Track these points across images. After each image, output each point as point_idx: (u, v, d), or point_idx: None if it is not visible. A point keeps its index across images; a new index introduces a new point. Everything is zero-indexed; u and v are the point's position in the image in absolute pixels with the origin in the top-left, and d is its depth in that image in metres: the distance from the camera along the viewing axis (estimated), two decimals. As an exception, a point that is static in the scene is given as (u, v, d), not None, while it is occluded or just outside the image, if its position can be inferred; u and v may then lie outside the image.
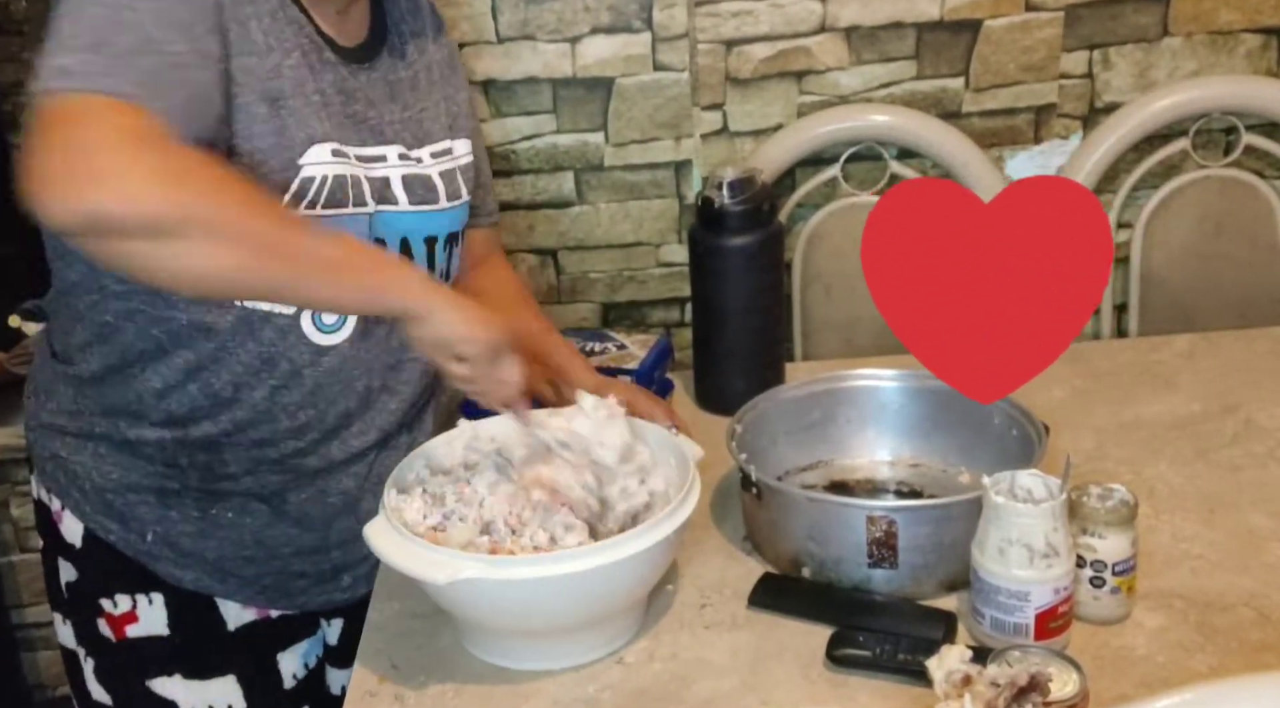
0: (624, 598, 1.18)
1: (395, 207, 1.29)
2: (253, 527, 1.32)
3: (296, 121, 1.19)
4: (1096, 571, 1.17)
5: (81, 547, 1.33)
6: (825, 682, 1.14)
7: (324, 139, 1.21)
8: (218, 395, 1.25)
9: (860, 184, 2.10)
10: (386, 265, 1.18)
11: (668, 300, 2.17)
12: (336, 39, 1.27)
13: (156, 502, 1.30)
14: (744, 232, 1.58)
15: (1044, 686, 0.96)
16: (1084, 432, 1.52)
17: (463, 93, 1.43)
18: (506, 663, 1.19)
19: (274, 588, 1.36)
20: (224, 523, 1.31)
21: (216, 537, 1.31)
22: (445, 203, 1.35)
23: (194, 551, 1.32)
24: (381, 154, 1.29)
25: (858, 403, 1.47)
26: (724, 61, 2.04)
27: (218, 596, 1.34)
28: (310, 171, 1.20)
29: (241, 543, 1.32)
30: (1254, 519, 1.34)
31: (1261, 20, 2.03)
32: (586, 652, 1.19)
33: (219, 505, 1.30)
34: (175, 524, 1.31)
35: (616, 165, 2.09)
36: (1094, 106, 2.08)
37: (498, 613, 1.15)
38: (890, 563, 1.23)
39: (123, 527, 1.31)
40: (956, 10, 2.01)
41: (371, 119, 1.28)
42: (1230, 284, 2.10)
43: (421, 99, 1.35)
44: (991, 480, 1.16)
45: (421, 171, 1.33)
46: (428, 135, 1.35)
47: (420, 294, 1.13)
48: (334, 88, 1.24)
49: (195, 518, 1.30)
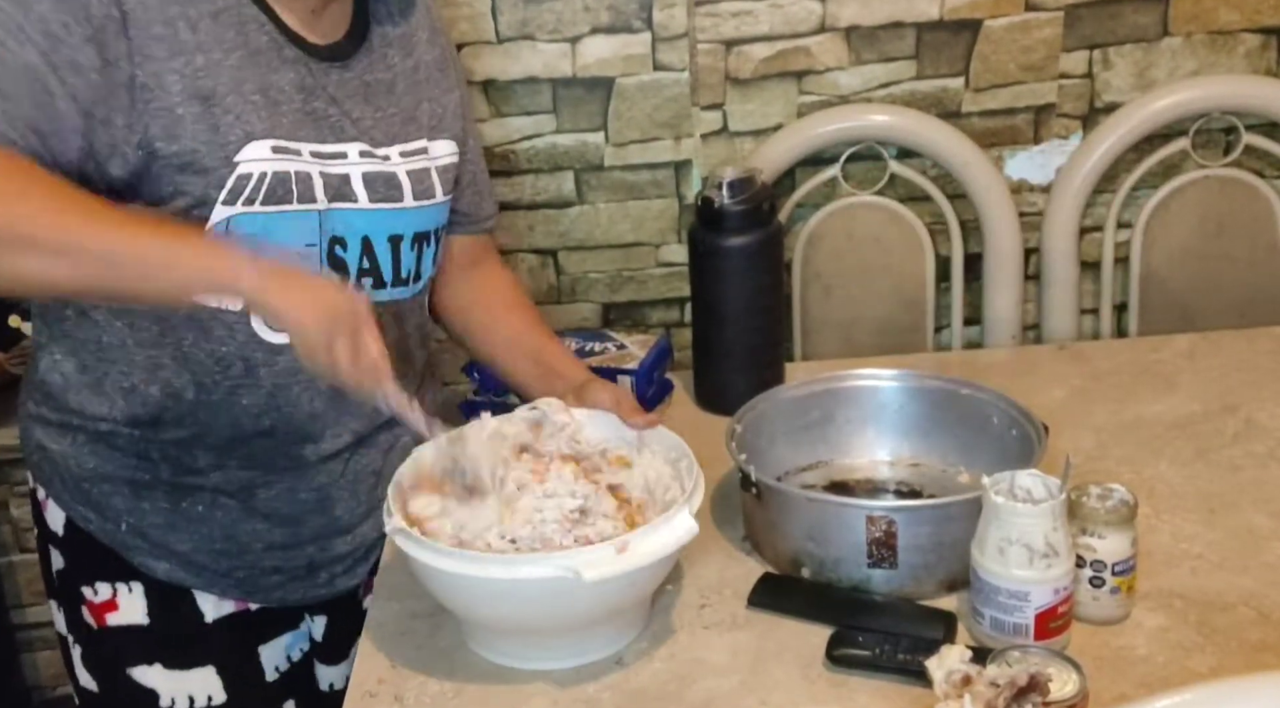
0: (634, 598, 1.19)
1: (354, 204, 1.27)
2: (223, 522, 1.32)
3: (232, 119, 1.18)
4: (1096, 571, 1.16)
5: (64, 534, 1.35)
6: (825, 682, 1.14)
7: (264, 136, 1.20)
8: (179, 396, 1.25)
9: (860, 184, 2.10)
10: (217, 253, 1.13)
11: (668, 300, 2.17)
12: (306, 37, 1.25)
13: (129, 493, 1.31)
14: (744, 232, 1.58)
15: (1044, 686, 0.96)
16: (1084, 432, 1.52)
17: (454, 94, 1.41)
18: (512, 663, 1.19)
19: (248, 582, 1.36)
20: (194, 517, 1.32)
21: (187, 530, 1.32)
22: (411, 201, 1.32)
23: (165, 542, 1.32)
24: (341, 151, 1.27)
25: (857, 403, 1.47)
26: (724, 61, 2.04)
27: (193, 588, 1.35)
28: (247, 168, 1.19)
29: (212, 537, 1.33)
30: (1254, 519, 1.34)
31: (1261, 20, 2.03)
32: (599, 649, 1.19)
33: (189, 499, 1.31)
34: (147, 515, 1.32)
35: (616, 165, 2.08)
36: (1094, 106, 2.08)
37: (510, 613, 1.15)
38: (890, 563, 1.23)
39: (99, 516, 1.32)
40: (956, 10, 2.01)
41: (333, 116, 1.27)
42: (1230, 284, 2.10)
43: (400, 99, 1.34)
44: (991, 480, 1.16)
45: (386, 169, 1.30)
46: (401, 134, 1.33)
47: (251, 276, 1.09)
48: (292, 85, 1.23)
49: (166, 510, 1.31)
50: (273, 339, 1.25)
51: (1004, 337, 2.10)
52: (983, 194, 2.05)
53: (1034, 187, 2.12)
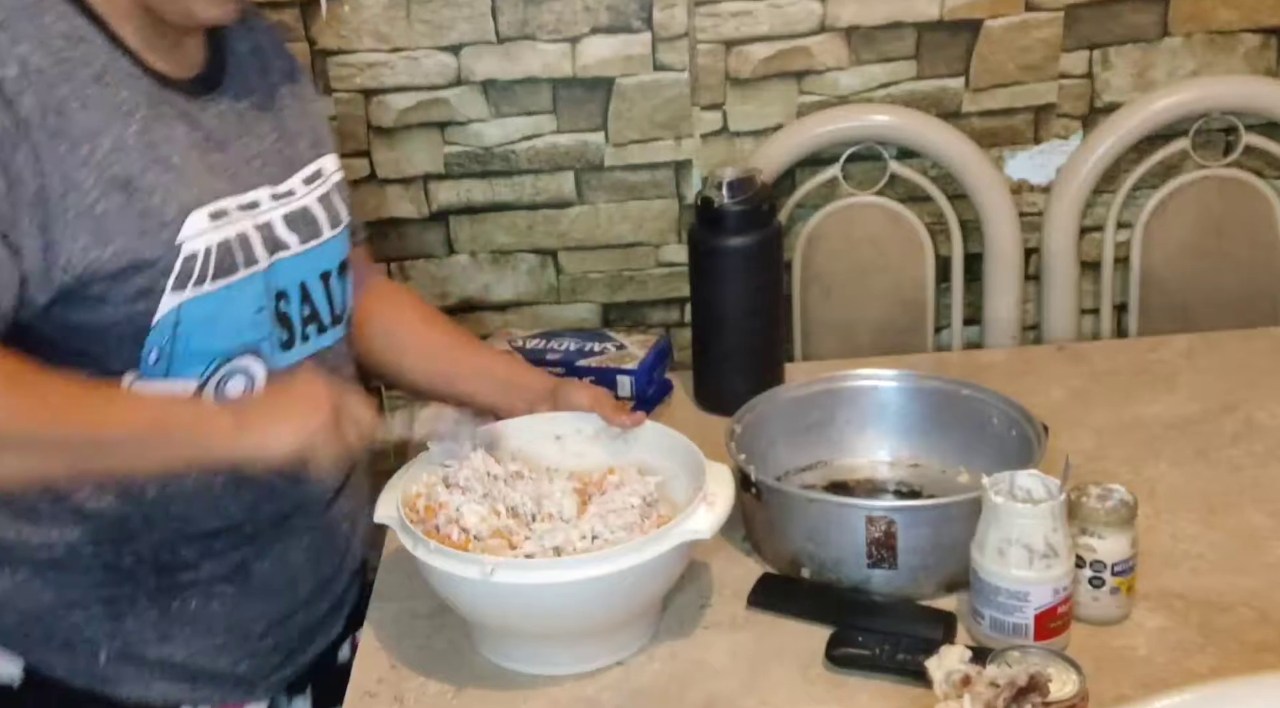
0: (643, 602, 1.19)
1: (287, 251, 1.19)
2: (221, 612, 1.21)
3: (161, 196, 1.07)
4: (1096, 571, 1.16)
5: (19, 688, 1.19)
6: (825, 682, 1.14)
7: (198, 204, 1.10)
8: (139, 498, 1.15)
9: (860, 184, 2.10)
10: (193, 423, 1.08)
11: (667, 300, 2.17)
12: (172, 74, 1.14)
13: (106, 615, 1.17)
14: (743, 232, 1.58)
15: (1043, 686, 0.96)
16: (1084, 432, 1.52)
17: (316, 104, 1.33)
18: (520, 667, 1.18)
19: (248, 676, 1.25)
20: (187, 618, 1.20)
21: (181, 636, 1.20)
22: (329, 232, 1.24)
23: (159, 659, 1.20)
24: (253, 200, 1.17)
25: (857, 403, 1.47)
26: (724, 61, 2.04)
27: (185, 704, 1.22)
28: (191, 247, 1.09)
29: (211, 632, 1.21)
30: (1254, 519, 1.34)
31: (1261, 20, 2.03)
32: (612, 652, 1.19)
33: (179, 599, 1.19)
34: (132, 634, 1.18)
35: (616, 165, 2.08)
36: (1094, 106, 2.08)
37: (529, 616, 1.14)
38: (890, 563, 1.23)
39: (69, 654, 1.17)
40: (956, 10, 2.01)
41: (231, 162, 1.16)
42: (1230, 284, 2.10)
43: (278, 117, 1.24)
44: (991, 481, 1.16)
45: (297, 205, 1.21)
46: (293, 161, 1.24)
47: (233, 438, 1.06)
48: (185, 138, 1.12)
49: (154, 620, 1.19)
50: None
51: (1004, 337, 2.09)
52: (983, 194, 2.05)
53: (1034, 187, 2.12)
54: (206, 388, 1.14)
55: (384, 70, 2.00)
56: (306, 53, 1.97)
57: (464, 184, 2.07)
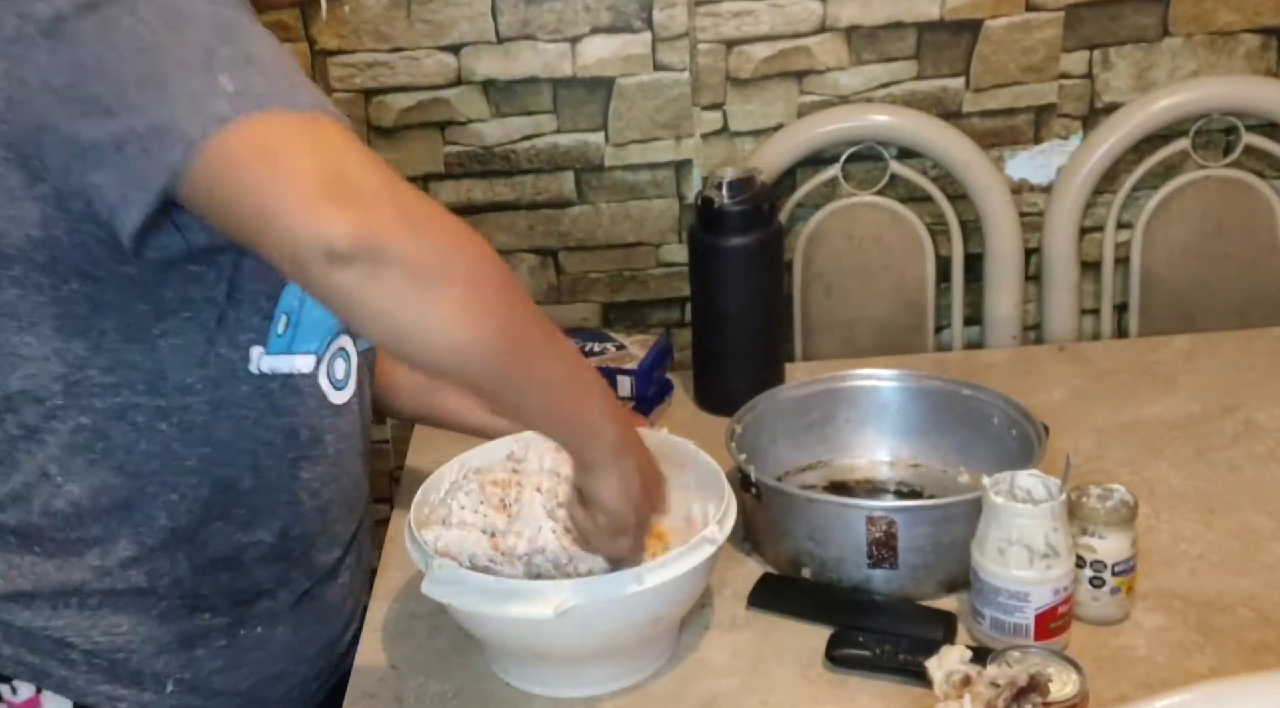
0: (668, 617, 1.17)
1: None
2: (283, 638, 1.18)
3: None
4: (1096, 571, 1.17)
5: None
6: (825, 682, 1.14)
7: None
8: (232, 487, 1.08)
9: (860, 184, 2.10)
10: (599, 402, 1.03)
11: (668, 300, 2.17)
12: None
13: (179, 646, 1.12)
14: (744, 232, 1.58)
15: (1044, 686, 0.96)
16: (1084, 432, 1.52)
17: None
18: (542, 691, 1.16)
19: (297, 701, 1.22)
20: (252, 644, 1.16)
21: (248, 662, 1.16)
22: None
23: (224, 688, 1.15)
24: None
25: (857, 403, 1.47)
26: (724, 61, 2.04)
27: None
28: None
29: (272, 660, 1.18)
30: (1254, 519, 1.34)
31: (1261, 20, 2.03)
32: (631, 674, 1.17)
33: (247, 625, 1.15)
34: (202, 664, 1.13)
35: (617, 165, 2.08)
36: (1094, 107, 2.08)
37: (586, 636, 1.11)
38: (890, 563, 1.23)
39: (136, 688, 1.12)
40: (956, 10, 2.01)
41: None
42: (1230, 284, 2.10)
43: None
44: (991, 481, 1.16)
45: None
46: None
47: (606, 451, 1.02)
48: None
49: (223, 648, 1.14)
50: (336, 400, 1.14)
51: (1004, 337, 2.09)
52: (983, 194, 2.05)
53: (1034, 187, 2.12)
54: (321, 366, 1.10)
55: (384, 70, 2.00)
56: (306, 53, 1.97)
57: (464, 184, 2.07)
